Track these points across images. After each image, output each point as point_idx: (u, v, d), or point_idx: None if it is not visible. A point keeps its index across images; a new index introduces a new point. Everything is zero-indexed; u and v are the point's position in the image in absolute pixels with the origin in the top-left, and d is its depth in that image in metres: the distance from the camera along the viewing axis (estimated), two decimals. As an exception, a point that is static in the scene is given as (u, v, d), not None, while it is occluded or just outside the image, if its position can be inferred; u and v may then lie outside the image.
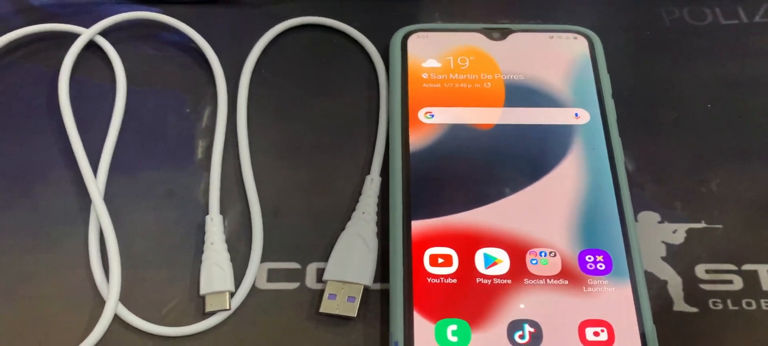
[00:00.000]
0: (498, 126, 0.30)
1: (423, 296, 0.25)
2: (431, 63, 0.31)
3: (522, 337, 0.25)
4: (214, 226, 0.28)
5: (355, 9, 0.35)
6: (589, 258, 0.26)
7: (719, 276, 0.27)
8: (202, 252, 0.27)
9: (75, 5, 0.34)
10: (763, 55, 0.34)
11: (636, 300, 0.25)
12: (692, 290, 0.27)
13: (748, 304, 0.27)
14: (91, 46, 0.33)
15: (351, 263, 0.27)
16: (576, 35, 0.33)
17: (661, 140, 0.31)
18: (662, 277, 0.27)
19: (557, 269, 0.26)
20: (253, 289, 0.27)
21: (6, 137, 0.31)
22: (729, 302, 0.27)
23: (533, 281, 0.26)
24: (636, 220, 0.28)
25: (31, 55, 0.33)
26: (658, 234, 0.28)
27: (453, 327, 0.25)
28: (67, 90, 0.31)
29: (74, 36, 0.33)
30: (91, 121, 0.31)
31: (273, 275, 0.27)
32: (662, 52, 0.34)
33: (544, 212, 0.27)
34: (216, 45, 0.33)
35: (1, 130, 0.31)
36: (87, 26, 0.33)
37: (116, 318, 0.26)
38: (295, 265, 0.28)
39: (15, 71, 0.33)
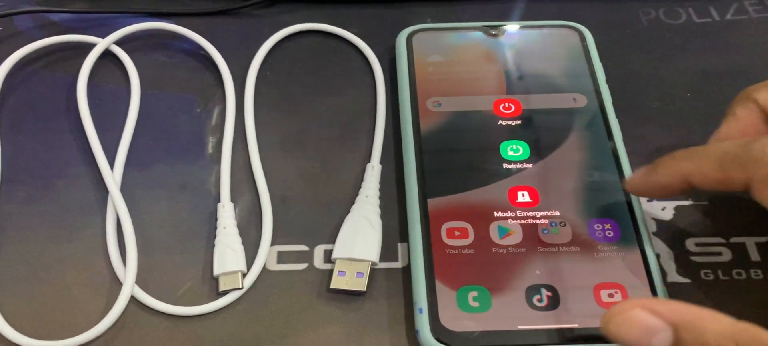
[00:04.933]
0: (501, 111, 0.30)
1: (443, 265, 0.25)
2: (436, 58, 0.32)
3: (540, 300, 0.24)
4: (226, 212, 0.28)
5: (352, 16, 0.35)
6: (598, 226, 0.26)
7: (708, 249, 0.27)
8: (215, 237, 0.27)
9: (91, 19, 0.35)
10: (735, 50, 0.34)
11: (645, 263, 0.25)
12: (684, 262, 0.27)
13: (738, 273, 0.26)
14: (107, 54, 0.33)
15: (358, 241, 0.27)
16: (568, 29, 0.33)
17: (647, 126, 0.31)
18: (655, 251, 0.27)
19: (568, 238, 0.26)
20: (264, 270, 0.27)
21: (29, 137, 0.30)
22: (720, 272, 0.27)
23: (546, 249, 0.26)
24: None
25: (52, 63, 0.33)
26: (648, 212, 0.28)
27: (474, 293, 0.25)
28: (85, 93, 0.31)
29: (91, 46, 0.33)
30: (107, 122, 0.31)
31: (283, 257, 0.27)
32: (642, 48, 0.34)
33: (551, 187, 0.27)
34: (223, 51, 0.33)
35: (24, 131, 0.31)
36: (103, 37, 0.33)
37: (133, 300, 0.26)
38: (303, 247, 0.27)
39: (37, 79, 0.33)
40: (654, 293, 0.25)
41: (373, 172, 0.29)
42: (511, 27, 0.33)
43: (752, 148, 0.21)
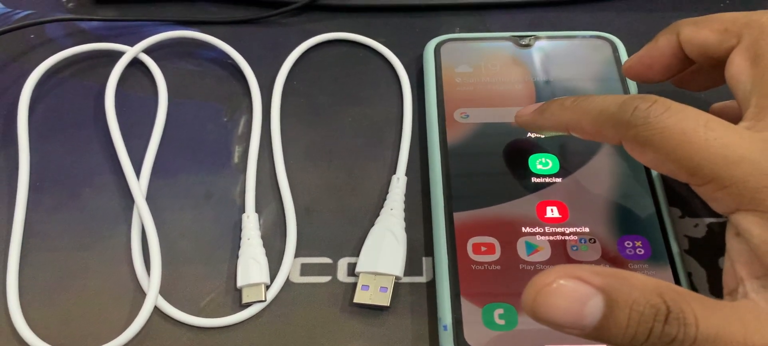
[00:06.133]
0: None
1: (469, 281, 0.25)
2: (464, 68, 0.31)
3: None
4: (250, 223, 0.27)
5: (380, 25, 0.35)
6: (628, 243, 0.25)
7: (742, 267, 0.26)
8: (239, 248, 0.27)
9: (120, 27, 0.35)
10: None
11: (677, 282, 0.24)
12: (717, 281, 0.26)
13: (771, 293, 0.25)
14: (135, 62, 0.33)
15: (382, 255, 0.26)
16: (599, 39, 0.32)
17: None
18: (687, 269, 0.26)
19: (598, 255, 0.25)
20: (288, 282, 0.26)
21: (57, 145, 0.30)
22: (752, 291, 0.25)
23: None
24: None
25: (80, 72, 0.33)
26: (680, 228, 0.27)
27: (500, 311, 0.24)
28: (113, 102, 0.31)
29: (120, 54, 0.33)
30: (134, 130, 0.31)
31: (306, 269, 0.27)
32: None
33: (580, 202, 0.27)
34: (251, 60, 0.33)
35: (52, 138, 0.31)
36: (132, 45, 0.33)
37: (156, 310, 0.26)
38: (327, 260, 0.27)
39: (66, 86, 0.33)
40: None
41: (399, 184, 0.28)
42: (541, 37, 0.32)
43: (625, 109, 0.22)
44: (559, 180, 0.27)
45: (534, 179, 0.27)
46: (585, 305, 0.19)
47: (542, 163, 0.28)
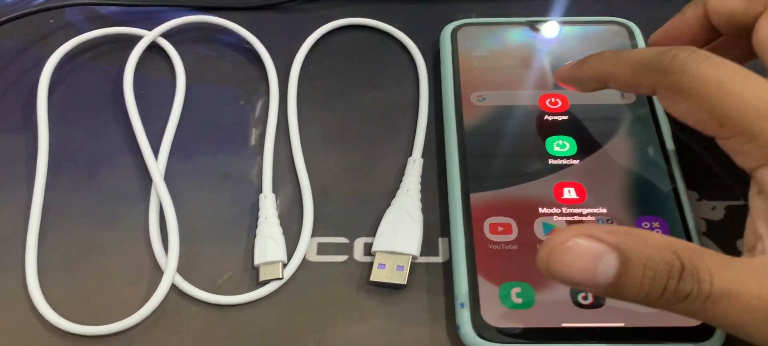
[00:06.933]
0: (548, 106, 0.29)
1: (486, 261, 0.24)
2: (480, 52, 0.31)
3: (585, 298, 0.24)
4: (268, 202, 0.27)
5: (396, 11, 0.35)
6: (646, 224, 0.25)
7: (759, 251, 0.26)
8: (256, 227, 0.27)
9: (138, 12, 0.35)
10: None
11: None
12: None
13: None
14: (153, 47, 0.33)
15: (399, 234, 0.26)
16: (616, 25, 0.32)
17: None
18: (704, 249, 0.26)
19: None
20: (304, 261, 0.26)
21: (76, 127, 0.31)
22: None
23: None
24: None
25: (99, 55, 0.33)
26: (697, 211, 0.27)
27: (517, 289, 0.24)
28: (131, 85, 0.31)
29: (138, 38, 0.33)
30: (152, 113, 0.31)
31: (323, 249, 0.27)
32: (692, 45, 0.33)
33: (598, 182, 0.26)
34: (268, 45, 0.33)
35: (72, 121, 0.31)
36: (150, 30, 0.33)
37: (174, 288, 0.26)
38: (343, 239, 0.27)
39: (85, 70, 0.33)
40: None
41: (415, 165, 0.28)
42: (558, 22, 0.32)
43: (663, 57, 0.22)
44: (576, 162, 0.27)
45: (551, 161, 0.27)
46: (599, 262, 0.19)
47: (560, 146, 0.28)
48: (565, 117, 0.29)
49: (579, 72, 0.26)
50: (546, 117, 0.29)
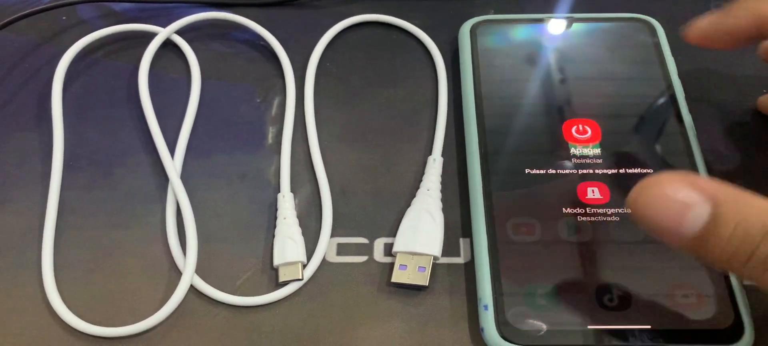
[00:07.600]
0: (569, 102, 0.29)
1: (509, 262, 0.24)
2: (500, 49, 0.31)
3: (610, 300, 0.23)
4: (286, 202, 0.27)
5: (414, 7, 0.34)
6: None
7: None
8: (275, 227, 0.26)
9: (152, 9, 0.34)
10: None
11: None
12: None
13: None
14: (168, 44, 0.33)
15: (419, 235, 0.25)
16: (638, 22, 0.31)
17: (722, 122, 0.29)
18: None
19: (641, 236, 0.25)
20: (324, 262, 0.26)
21: (90, 126, 0.30)
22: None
23: (618, 247, 0.24)
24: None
25: (113, 52, 0.33)
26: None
27: (541, 291, 0.23)
28: (146, 82, 0.31)
29: (152, 35, 0.32)
30: (168, 111, 0.30)
31: (342, 249, 0.26)
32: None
33: (622, 182, 0.26)
34: (284, 41, 0.32)
35: (87, 119, 0.30)
36: (164, 27, 0.32)
37: (192, 289, 0.25)
38: (363, 240, 0.26)
39: (99, 67, 0.32)
40: (732, 297, 0.23)
41: (435, 165, 0.28)
42: (578, 19, 0.32)
43: None
44: (599, 161, 0.27)
45: (574, 160, 0.27)
46: (689, 210, 0.17)
47: (583, 144, 0.27)
48: (589, 114, 0.28)
49: (728, 20, 0.23)
50: (568, 114, 0.28)
